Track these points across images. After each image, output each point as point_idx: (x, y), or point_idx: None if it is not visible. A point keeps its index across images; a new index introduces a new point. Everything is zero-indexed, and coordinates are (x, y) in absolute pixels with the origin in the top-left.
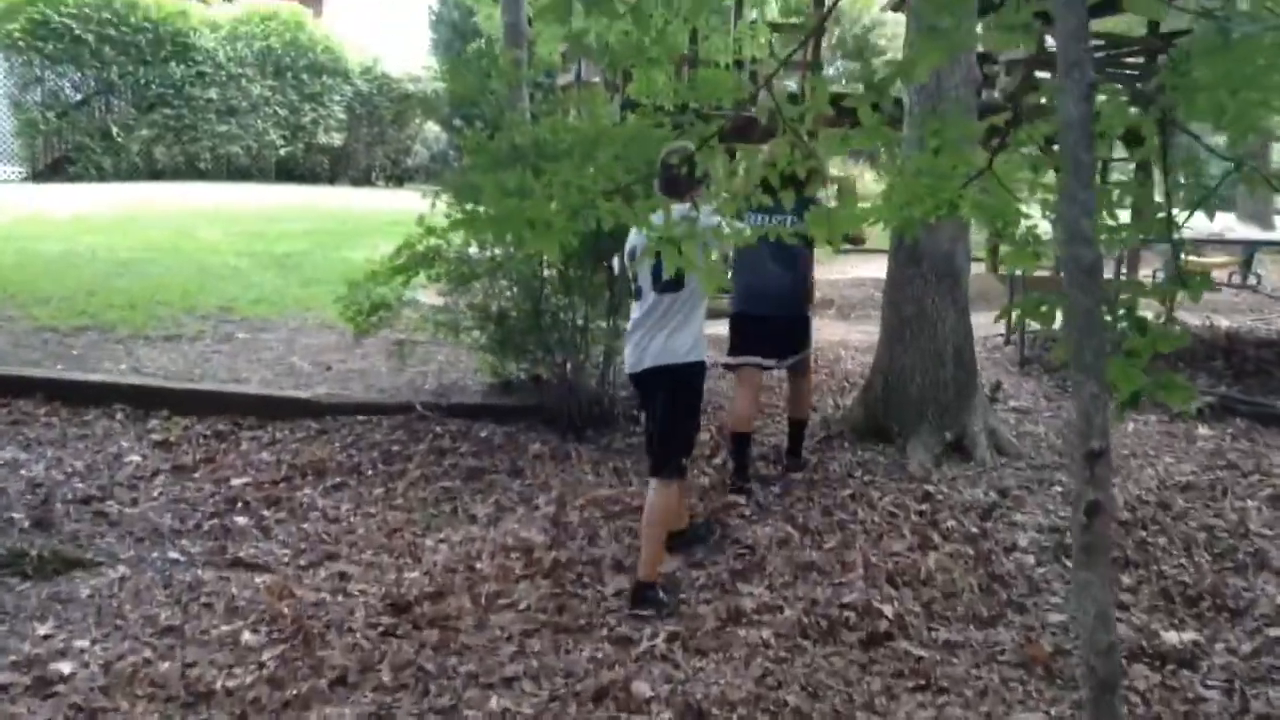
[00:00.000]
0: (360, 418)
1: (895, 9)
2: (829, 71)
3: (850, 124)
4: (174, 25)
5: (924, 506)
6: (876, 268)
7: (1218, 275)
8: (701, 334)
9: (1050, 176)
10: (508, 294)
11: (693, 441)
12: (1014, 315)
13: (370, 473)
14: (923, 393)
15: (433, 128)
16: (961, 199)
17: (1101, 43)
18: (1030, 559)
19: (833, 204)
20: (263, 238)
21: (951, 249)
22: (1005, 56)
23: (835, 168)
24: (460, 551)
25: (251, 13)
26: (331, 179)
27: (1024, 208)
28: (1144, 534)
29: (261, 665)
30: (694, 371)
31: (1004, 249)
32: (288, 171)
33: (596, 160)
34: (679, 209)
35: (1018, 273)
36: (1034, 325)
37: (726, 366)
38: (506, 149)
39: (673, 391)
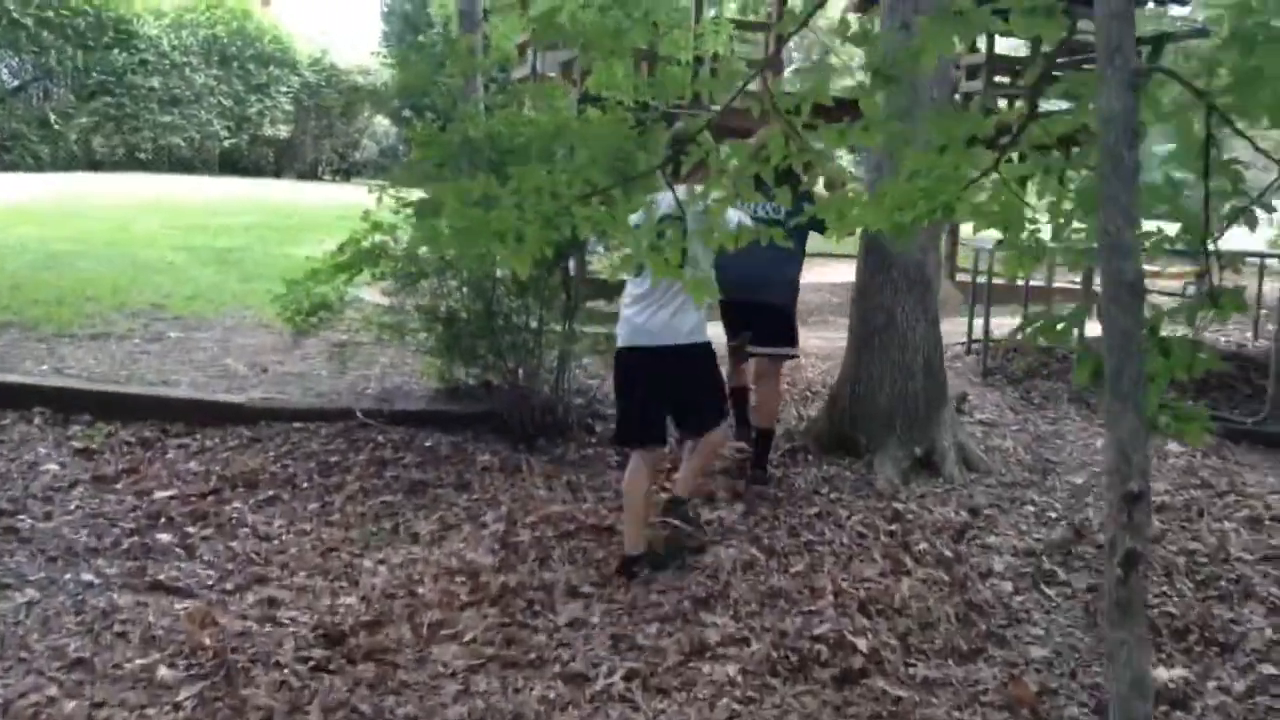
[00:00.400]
0: (296, 425)
1: (858, 9)
2: (789, 73)
3: (851, 117)
4: (116, 11)
5: (894, 527)
6: (833, 272)
7: (1173, 286)
8: (703, 317)
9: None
10: (457, 294)
11: (727, 398)
12: (1027, 332)
13: (305, 485)
14: (891, 404)
15: (382, 121)
16: (959, 203)
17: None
18: (1008, 586)
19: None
20: (202, 231)
21: (923, 257)
22: (966, 60)
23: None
24: (400, 574)
25: (197, 0)
26: (277, 172)
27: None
28: None
29: (178, 706)
30: (699, 353)
31: (1007, 254)
32: (232, 163)
33: (568, 160)
34: (665, 200)
35: (979, 280)
36: (995, 334)
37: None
38: (459, 142)
39: (690, 371)
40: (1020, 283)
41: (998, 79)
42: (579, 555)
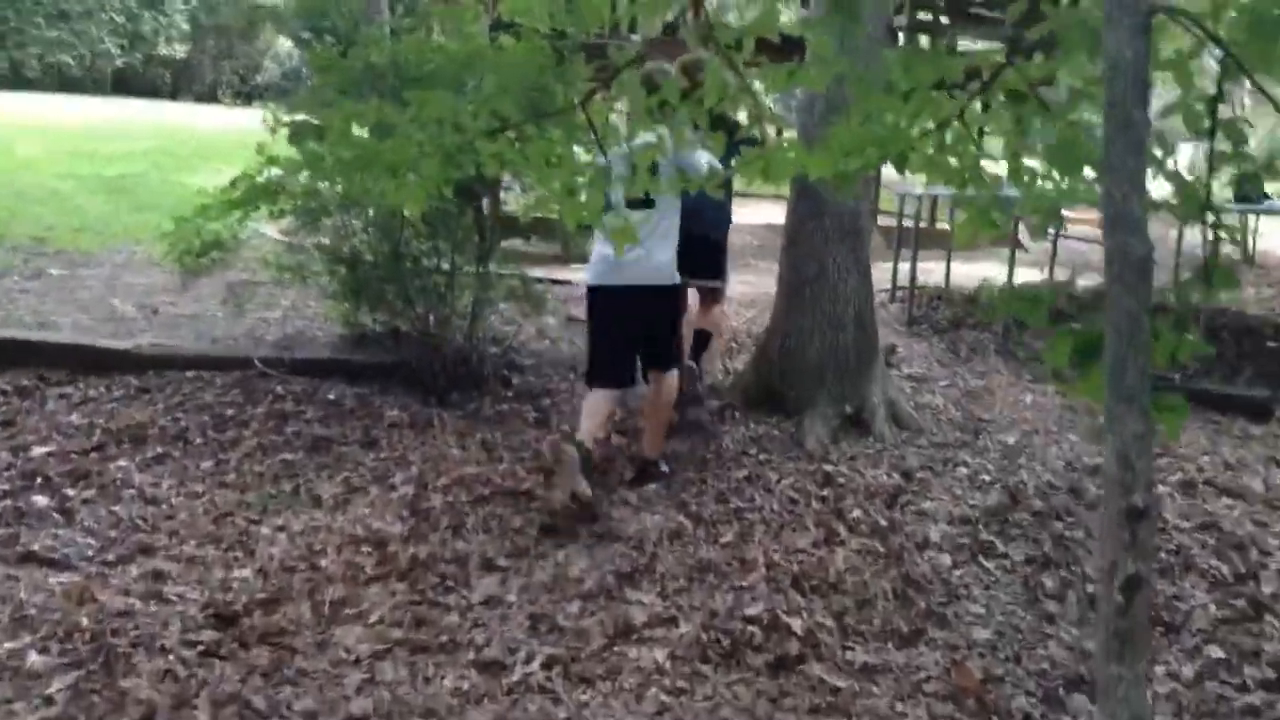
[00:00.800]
0: (189, 374)
1: None
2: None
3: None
4: None
5: (826, 492)
6: (756, 213)
7: (1094, 232)
8: (674, 254)
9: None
10: (363, 234)
11: (680, 332)
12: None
13: (198, 441)
14: (821, 359)
15: (286, 43)
16: (913, 153)
17: None
18: (946, 559)
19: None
20: (91, 158)
21: (856, 205)
22: None
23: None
24: (301, 543)
25: None
26: (173, 93)
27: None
28: (1060, 526)
29: (48, 700)
30: (671, 293)
31: (964, 214)
32: (125, 84)
33: (478, 90)
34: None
35: (906, 224)
36: (923, 281)
37: None
38: (360, 69)
39: (657, 311)
40: (944, 227)
41: (921, 16)
42: (494, 523)
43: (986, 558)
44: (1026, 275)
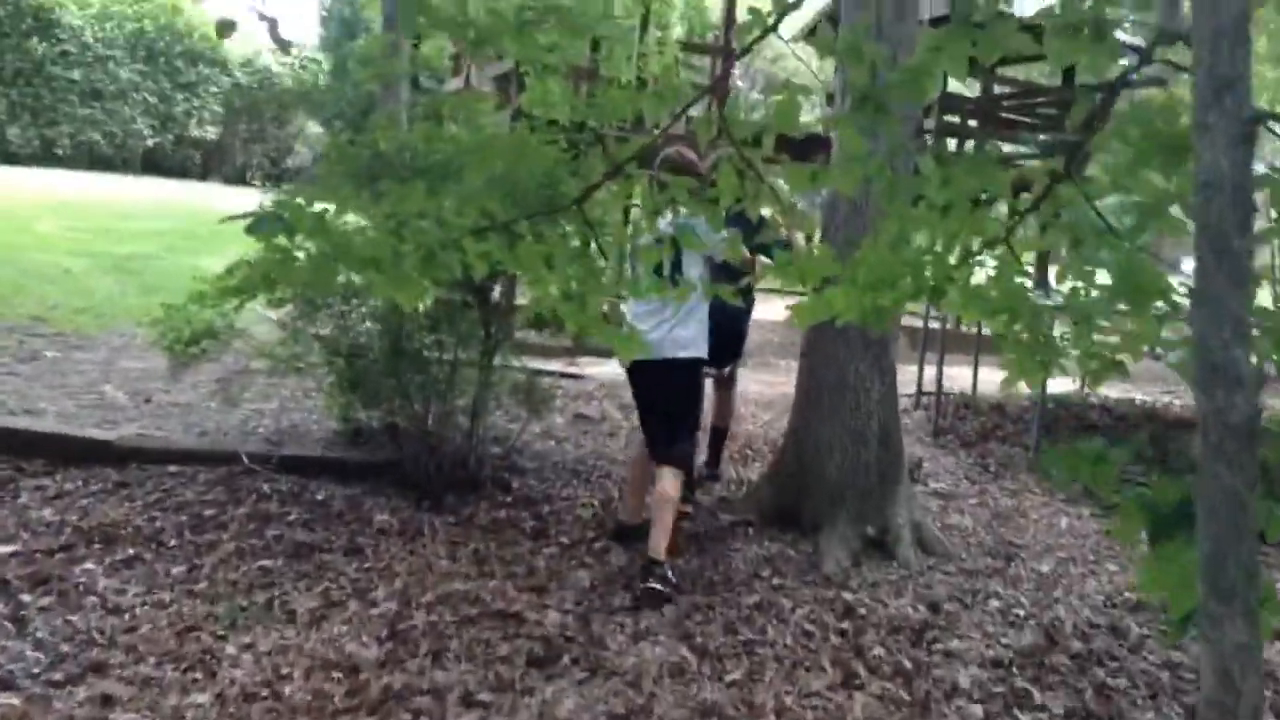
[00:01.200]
0: (172, 468)
1: (808, 39)
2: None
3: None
4: None
5: (845, 624)
6: (774, 309)
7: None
8: (704, 330)
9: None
10: (362, 325)
11: (697, 428)
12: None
13: (173, 543)
14: (842, 475)
15: (316, 127)
16: (951, 283)
17: (1010, 90)
18: (977, 710)
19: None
20: (109, 236)
21: None
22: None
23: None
24: (267, 665)
25: None
26: (203, 175)
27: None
28: (1102, 673)
29: None
30: (695, 367)
31: (1009, 356)
32: (155, 164)
33: (470, 184)
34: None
35: (933, 325)
36: (949, 387)
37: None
38: (368, 156)
39: (675, 385)
40: (970, 329)
41: (949, 119)
42: (479, 649)
43: (1022, 710)
44: (1059, 385)
